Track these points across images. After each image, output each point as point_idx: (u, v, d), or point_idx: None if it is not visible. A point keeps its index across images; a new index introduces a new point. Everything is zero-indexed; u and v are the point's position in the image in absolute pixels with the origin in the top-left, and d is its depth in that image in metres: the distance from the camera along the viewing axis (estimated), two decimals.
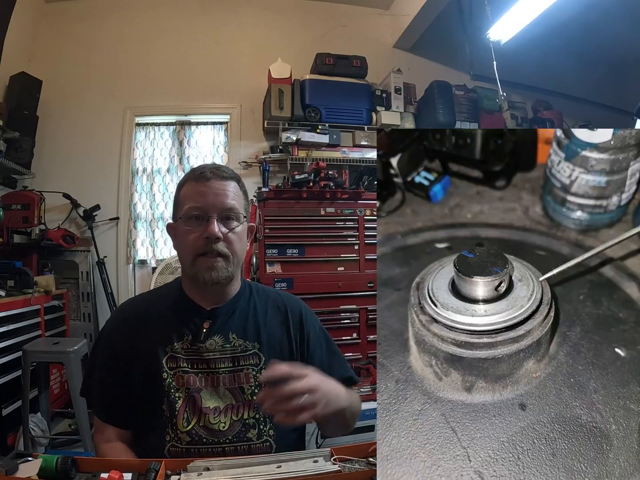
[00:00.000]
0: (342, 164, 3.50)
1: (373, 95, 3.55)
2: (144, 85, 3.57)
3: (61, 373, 2.79)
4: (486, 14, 2.91)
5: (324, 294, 2.78)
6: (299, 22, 3.84)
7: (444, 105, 3.57)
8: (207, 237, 0.92)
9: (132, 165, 3.58)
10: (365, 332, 2.84)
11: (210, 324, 0.98)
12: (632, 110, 2.85)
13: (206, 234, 0.92)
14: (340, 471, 0.73)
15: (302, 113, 3.38)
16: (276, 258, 2.79)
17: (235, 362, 0.97)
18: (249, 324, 1.01)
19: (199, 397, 0.93)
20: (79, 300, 3.27)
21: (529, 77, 3.89)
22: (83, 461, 0.66)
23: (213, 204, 0.94)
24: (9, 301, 2.44)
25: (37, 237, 3.04)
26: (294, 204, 2.85)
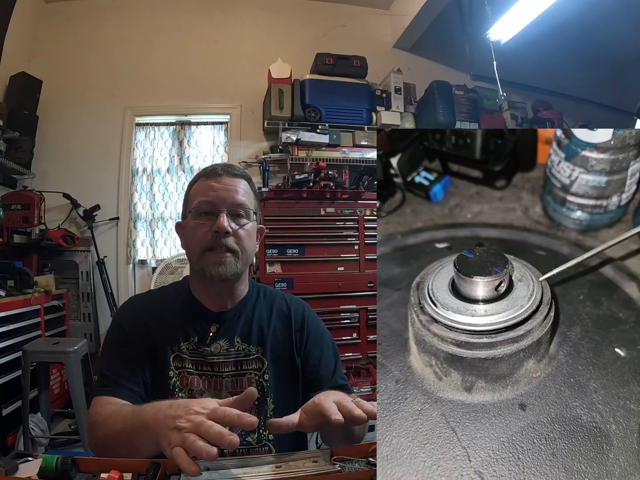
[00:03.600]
0: (342, 164, 3.50)
1: (373, 95, 3.55)
2: (144, 85, 3.57)
3: (61, 373, 2.79)
4: (486, 14, 2.91)
5: (324, 294, 2.78)
6: (299, 22, 3.84)
7: (444, 105, 3.57)
8: (216, 231, 0.91)
9: (132, 165, 3.58)
10: (365, 332, 2.85)
11: (217, 328, 0.97)
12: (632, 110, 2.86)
13: (215, 227, 0.91)
14: (340, 471, 0.73)
15: (302, 113, 3.38)
16: (276, 258, 2.80)
17: (238, 366, 0.96)
18: (254, 328, 0.99)
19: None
20: (79, 300, 3.27)
21: (529, 77, 3.89)
22: (83, 461, 0.66)
23: (223, 199, 0.93)
24: (9, 301, 2.44)
25: (37, 237, 3.04)
26: (294, 204, 2.86)
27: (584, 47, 3.62)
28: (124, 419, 0.77)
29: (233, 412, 0.62)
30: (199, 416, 0.62)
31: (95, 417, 0.84)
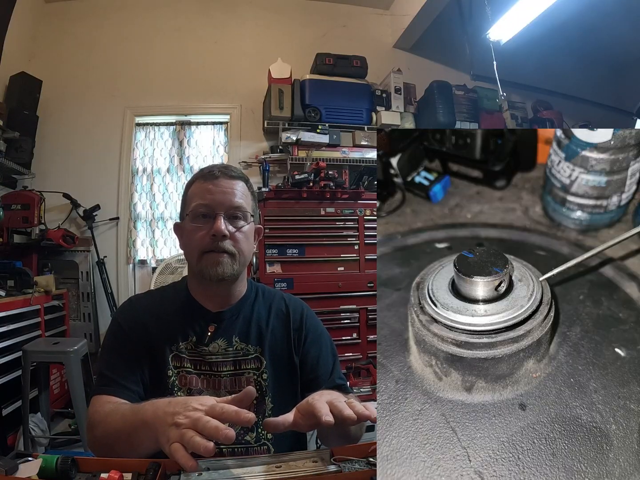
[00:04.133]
0: (342, 164, 3.50)
1: (373, 95, 3.55)
2: (144, 85, 3.57)
3: (61, 373, 2.79)
4: (486, 14, 2.91)
5: (324, 294, 2.78)
6: (299, 22, 3.84)
7: (444, 105, 3.57)
8: (214, 235, 0.92)
9: (132, 165, 3.58)
10: (365, 332, 2.85)
11: (215, 328, 0.97)
12: (632, 110, 2.86)
13: (213, 231, 0.91)
14: (340, 471, 0.73)
15: (302, 113, 3.38)
16: (276, 258, 2.80)
17: (237, 366, 0.96)
18: (252, 327, 1.00)
19: None
20: (79, 300, 3.27)
21: (529, 77, 3.89)
22: (83, 461, 0.66)
23: (220, 202, 0.93)
24: (9, 301, 2.44)
25: (37, 237, 3.04)
26: (294, 204, 2.86)
27: (584, 47, 3.62)
28: (123, 416, 0.77)
29: (231, 408, 0.62)
30: (197, 412, 0.62)
31: (95, 416, 0.84)
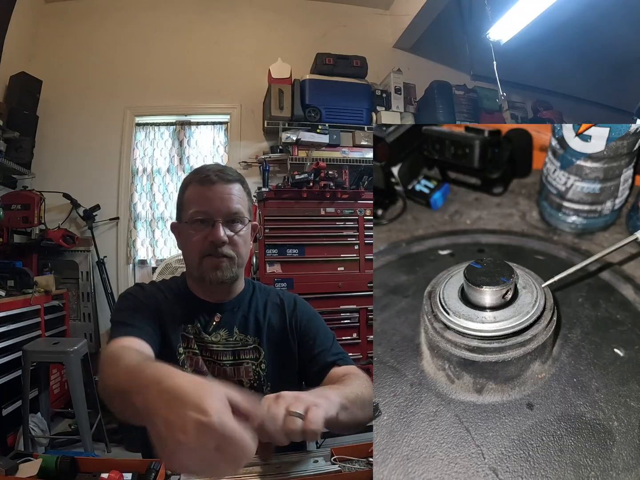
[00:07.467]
0: (342, 164, 3.50)
1: (373, 95, 3.55)
2: (144, 85, 3.57)
3: (61, 373, 2.79)
4: (486, 14, 2.91)
5: (324, 294, 2.78)
6: (299, 22, 3.84)
7: (444, 105, 3.58)
8: (213, 241, 0.93)
9: (132, 165, 3.58)
10: (365, 332, 2.84)
11: (221, 317, 1.00)
12: (632, 110, 2.85)
13: (212, 238, 0.93)
14: (340, 471, 0.73)
15: (302, 113, 3.38)
16: (276, 258, 2.79)
17: (236, 356, 0.99)
18: (251, 319, 1.03)
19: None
20: (79, 300, 3.27)
21: (529, 77, 3.89)
22: (83, 461, 0.66)
23: (219, 209, 0.94)
24: (9, 301, 2.44)
25: (37, 237, 3.04)
26: (294, 204, 2.86)
27: (584, 47, 3.62)
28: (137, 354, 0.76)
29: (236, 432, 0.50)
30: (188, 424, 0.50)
31: (106, 355, 0.79)
